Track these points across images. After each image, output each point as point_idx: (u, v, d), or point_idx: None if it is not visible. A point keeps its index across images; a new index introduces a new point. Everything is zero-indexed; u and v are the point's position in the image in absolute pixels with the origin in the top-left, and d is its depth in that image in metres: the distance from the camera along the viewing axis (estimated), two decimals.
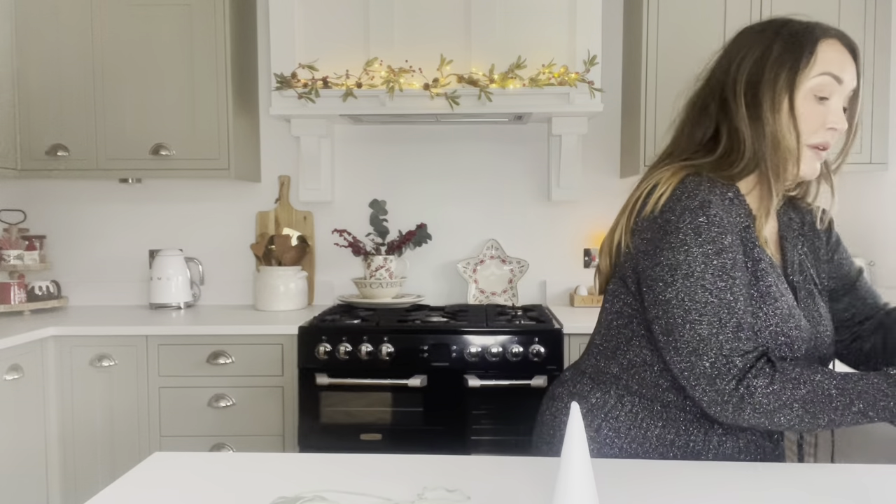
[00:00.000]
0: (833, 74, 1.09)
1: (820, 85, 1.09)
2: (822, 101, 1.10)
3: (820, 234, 1.24)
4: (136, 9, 2.54)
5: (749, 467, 1.03)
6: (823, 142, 1.11)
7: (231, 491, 0.93)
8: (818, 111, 1.09)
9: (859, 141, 2.44)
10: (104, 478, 2.30)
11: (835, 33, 1.14)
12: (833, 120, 1.10)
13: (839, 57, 1.11)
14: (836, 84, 1.09)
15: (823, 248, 1.24)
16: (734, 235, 1.04)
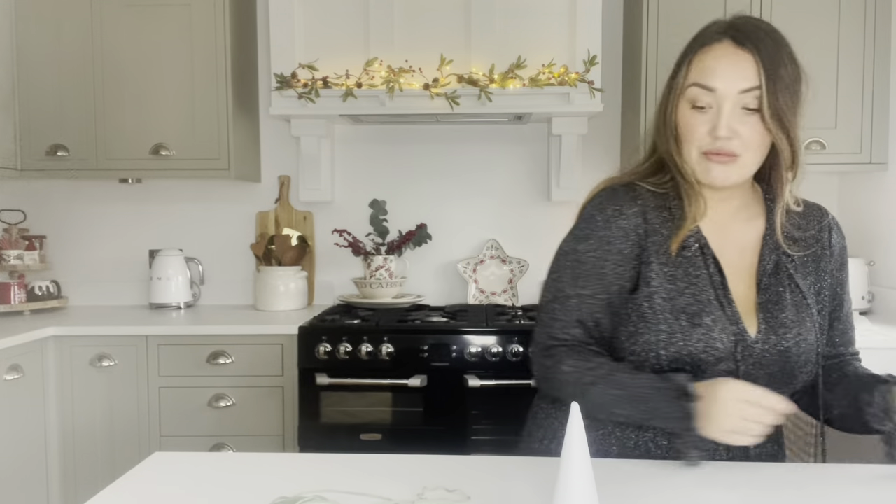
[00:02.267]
0: (701, 84, 1.08)
1: (693, 96, 1.09)
2: (703, 110, 1.08)
3: (830, 250, 1.19)
4: (136, 9, 2.54)
5: (749, 467, 1.03)
6: (712, 149, 1.08)
7: (231, 491, 0.93)
8: (700, 120, 1.08)
9: (859, 141, 2.44)
10: (104, 478, 2.30)
11: (729, 35, 1.09)
12: (714, 127, 1.07)
13: (715, 64, 1.08)
14: (708, 93, 1.07)
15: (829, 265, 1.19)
16: (612, 237, 1.13)
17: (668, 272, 1.11)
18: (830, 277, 1.18)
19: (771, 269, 1.14)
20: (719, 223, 1.16)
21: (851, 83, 2.43)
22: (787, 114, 1.06)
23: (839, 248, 1.20)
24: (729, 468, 1.04)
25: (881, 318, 2.42)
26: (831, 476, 1.04)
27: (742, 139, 1.07)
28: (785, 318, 1.11)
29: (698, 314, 1.08)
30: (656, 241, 1.13)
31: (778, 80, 1.05)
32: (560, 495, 0.78)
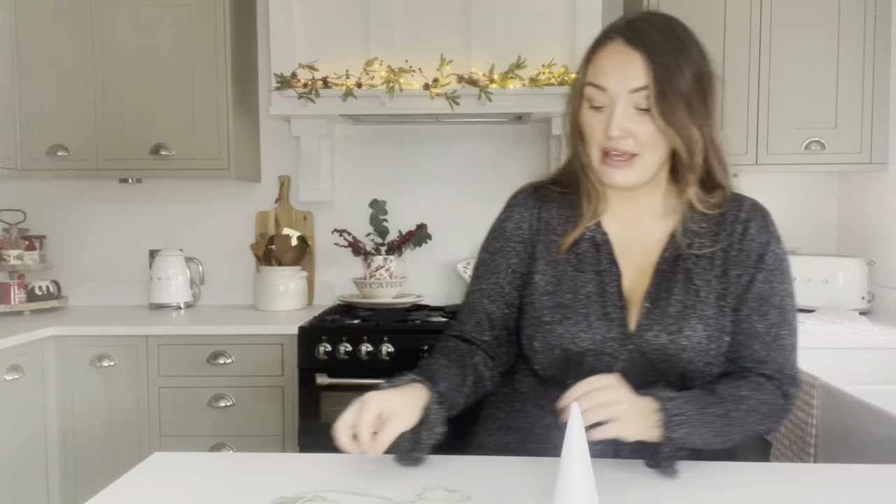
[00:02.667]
0: (593, 84, 1.09)
1: (589, 95, 1.10)
2: (599, 110, 1.09)
3: (741, 244, 1.13)
4: (137, 9, 2.54)
5: (749, 467, 1.03)
6: (607, 148, 1.08)
7: (231, 491, 0.93)
8: (597, 120, 1.09)
9: (859, 141, 2.44)
10: (104, 478, 2.28)
11: (622, 35, 1.08)
12: (607, 127, 1.07)
13: (606, 64, 1.08)
14: (601, 92, 1.07)
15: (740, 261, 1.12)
16: (507, 234, 1.19)
17: (554, 268, 1.15)
18: (739, 274, 1.11)
19: (668, 265, 1.13)
20: (625, 220, 1.17)
21: (851, 83, 2.43)
22: (678, 114, 1.05)
23: (758, 244, 1.13)
24: (729, 468, 1.04)
25: (881, 318, 2.42)
26: (829, 476, 1.04)
27: (637, 138, 1.07)
28: (667, 313, 1.09)
29: (572, 307, 1.11)
30: (549, 239, 1.17)
31: (669, 81, 1.04)
32: (560, 495, 0.78)
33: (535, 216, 1.20)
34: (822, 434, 1.62)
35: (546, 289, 1.14)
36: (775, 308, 1.10)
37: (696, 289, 1.10)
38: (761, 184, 2.81)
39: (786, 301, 1.12)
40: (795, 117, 2.46)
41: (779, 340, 1.10)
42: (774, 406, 1.07)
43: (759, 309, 1.10)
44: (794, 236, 2.84)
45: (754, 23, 2.45)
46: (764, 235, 1.15)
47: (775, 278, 1.12)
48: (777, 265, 1.13)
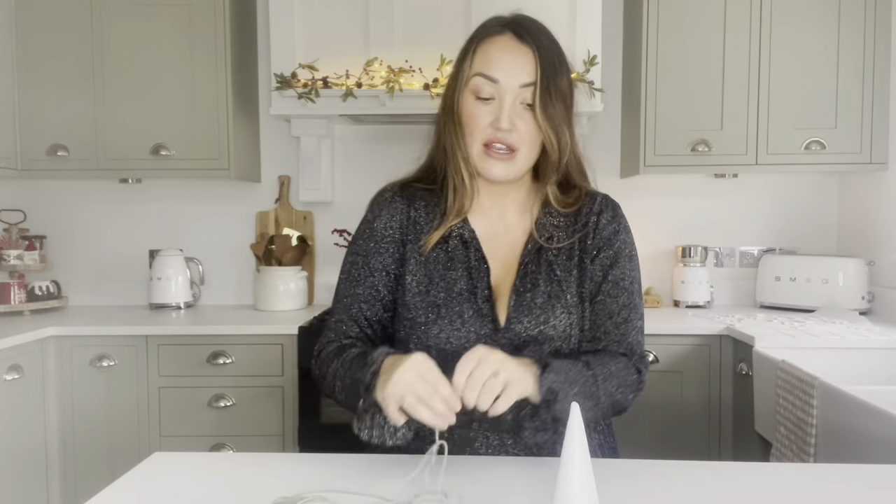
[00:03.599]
0: (484, 75, 1.09)
1: (476, 85, 1.10)
2: (487, 102, 1.10)
3: (594, 233, 1.17)
4: (136, 9, 2.54)
5: (749, 467, 1.03)
6: (493, 138, 1.09)
7: (231, 491, 0.93)
8: (482, 111, 1.10)
9: (859, 141, 2.44)
10: (104, 478, 2.28)
11: (510, 29, 1.11)
12: (497, 119, 1.08)
13: (499, 55, 1.09)
14: (491, 84, 1.09)
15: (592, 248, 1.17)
16: (378, 235, 1.19)
17: (424, 267, 1.15)
18: (592, 260, 1.16)
19: (532, 258, 1.16)
20: (491, 215, 1.19)
21: (851, 83, 2.43)
22: (558, 114, 1.09)
23: (608, 231, 1.17)
24: (729, 468, 1.04)
25: (881, 318, 2.42)
26: (829, 476, 1.04)
27: (520, 133, 1.09)
28: (534, 304, 1.12)
29: (445, 305, 1.12)
30: (419, 238, 1.17)
31: (552, 81, 1.08)
32: (560, 495, 0.78)
33: (405, 215, 1.20)
34: (822, 434, 1.62)
35: (418, 289, 1.14)
36: (625, 291, 1.16)
37: (558, 279, 1.14)
38: (761, 184, 2.83)
39: (634, 285, 1.18)
40: (795, 117, 2.46)
41: (629, 322, 1.16)
42: (629, 378, 1.11)
43: (612, 292, 1.16)
44: (794, 236, 2.84)
45: (754, 23, 2.45)
46: (613, 225, 1.19)
47: (625, 264, 1.17)
48: (626, 252, 1.18)
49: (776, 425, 1.82)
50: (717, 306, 2.75)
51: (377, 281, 1.17)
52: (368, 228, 1.21)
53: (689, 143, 2.49)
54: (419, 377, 0.91)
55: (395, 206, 1.21)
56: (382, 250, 1.18)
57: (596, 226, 1.18)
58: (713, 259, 2.84)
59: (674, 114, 2.49)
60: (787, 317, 2.41)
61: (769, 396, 1.91)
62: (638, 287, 1.19)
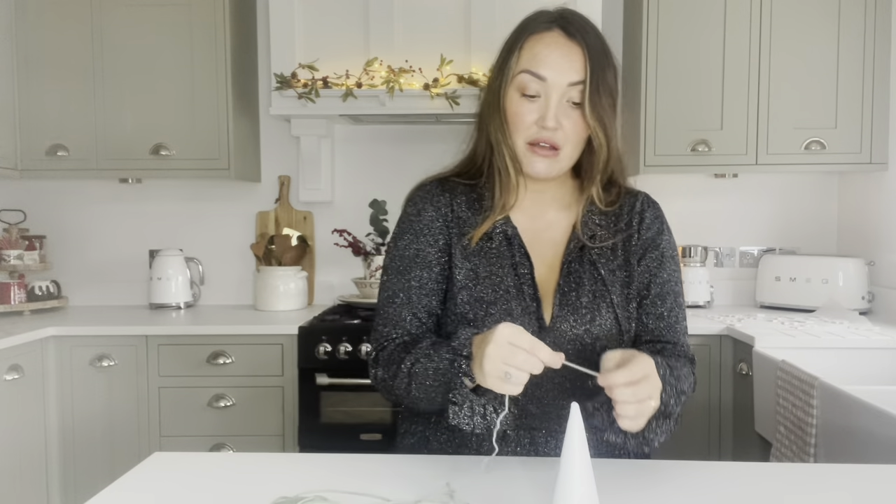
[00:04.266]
0: (531, 72, 1.08)
1: (522, 83, 1.08)
2: (532, 99, 1.08)
3: (638, 234, 1.17)
4: (136, 9, 2.54)
5: (749, 467, 1.03)
6: (538, 137, 1.08)
7: (231, 491, 0.93)
8: (527, 108, 1.08)
9: (859, 141, 2.44)
10: (104, 478, 2.28)
11: (558, 25, 1.08)
12: (542, 117, 1.07)
13: (547, 52, 1.07)
14: (539, 81, 1.07)
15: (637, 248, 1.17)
16: (425, 229, 1.16)
17: (470, 263, 1.14)
18: (639, 261, 1.16)
19: (575, 256, 1.15)
20: (532, 213, 1.18)
21: (851, 83, 2.43)
22: (607, 112, 1.08)
23: (652, 231, 1.18)
24: (729, 468, 1.04)
25: (881, 318, 2.42)
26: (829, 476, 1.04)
27: (565, 132, 1.08)
28: (580, 304, 1.11)
29: (494, 303, 1.10)
30: (462, 232, 1.16)
31: (602, 78, 1.07)
32: (560, 495, 0.78)
33: (448, 209, 1.18)
34: (822, 434, 1.61)
35: (466, 283, 1.12)
36: (671, 293, 1.17)
37: (602, 278, 1.13)
38: (761, 184, 2.82)
39: (678, 287, 1.19)
40: (795, 117, 2.46)
41: (678, 324, 1.17)
42: (690, 378, 1.12)
43: (661, 294, 1.16)
44: (794, 236, 2.84)
45: (754, 23, 2.45)
46: (657, 224, 1.19)
47: (670, 265, 1.18)
48: (669, 253, 1.18)
49: (776, 425, 1.82)
50: (717, 306, 2.75)
51: (430, 274, 1.15)
52: (414, 223, 1.18)
53: (689, 143, 2.49)
54: (513, 347, 0.89)
55: (438, 200, 1.19)
56: (432, 243, 1.16)
57: (640, 225, 1.17)
58: (713, 259, 2.85)
59: (674, 114, 2.49)
60: (787, 317, 2.41)
61: (769, 396, 1.91)
62: (681, 288, 1.20)
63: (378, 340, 1.15)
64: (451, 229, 1.17)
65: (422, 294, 1.14)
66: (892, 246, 2.48)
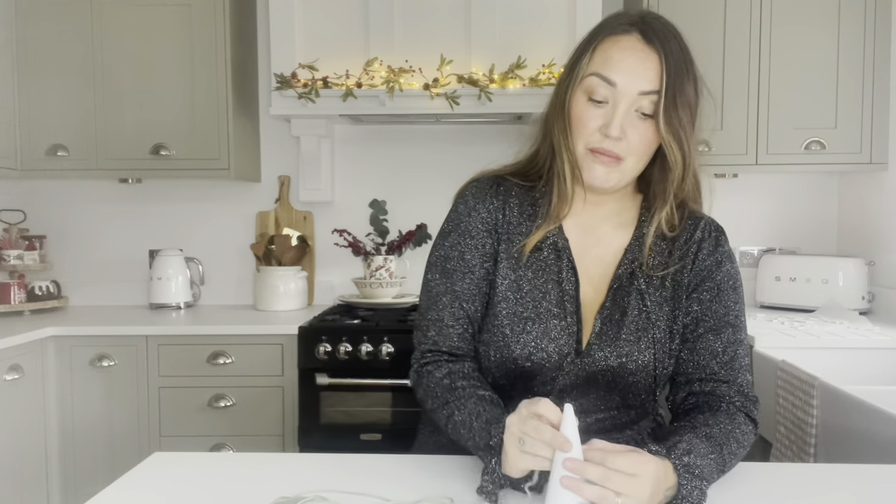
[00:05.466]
0: (601, 76, 1.00)
1: (590, 86, 1.01)
2: (599, 105, 1.01)
3: (692, 266, 1.09)
4: (137, 8, 2.54)
5: (749, 467, 1.03)
6: (599, 147, 1.01)
7: (231, 491, 0.93)
8: (592, 114, 1.01)
9: (859, 141, 2.44)
10: (104, 478, 2.30)
11: (638, 29, 1.00)
12: (607, 125, 0.99)
13: (621, 57, 0.99)
14: (608, 86, 0.99)
15: (689, 282, 1.09)
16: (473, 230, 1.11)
17: (515, 273, 1.08)
18: (690, 294, 1.09)
19: (625, 281, 1.08)
20: (586, 225, 1.12)
21: (851, 83, 2.43)
22: (684, 127, 1.01)
23: (709, 262, 1.09)
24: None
25: (881, 318, 2.42)
26: (829, 476, 1.04)
27: (629, 143, 1.00)
28: (620, 335, 1.05)
29: (533, 320, 1.05)
30: (510, 238, 1.10)
31: (680, 90, 1.00)
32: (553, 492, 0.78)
33: (500, 212, 1.11)
34: (822, 434, 1.61)
35: (507, 295, 1.07)
36: (730, 326, 1.08)
37: (647, 311, 1.06)
38: (761, 184, 2.82)
39: (739, 320, 1.09)
40: (795, 117, 2.46)
41: (736, 360, 1.07)
42: (748, 436, 1.02)
43: (715, 328, 1.07)
44: (794, 236, 2.84)
45: (754, 23, 2.45)
46: (715, 255, 1.10)
47: (728, 297, 1.09)
48: (729, 284, 1.10)
49: (776, 425, 1.82)
50: None
51: (475, 278, 1.10)
52: (462, 222, 1.12)
53: None
54: (529, 416, 0.83)
55: (491, 202, 1.12)
56: (480, 246, 1.10)
57: (695, 257, 1.09)
58: None
59: None
60: (787, 317, 2.41)
61: (769, 396, 1.91)
62: (743, 321, 1.10)
63: (425, 345, 1.12)
64: (499, 234, 1.11)
65: (464, 300, 1.09)
66: (892, 246, 2.48)
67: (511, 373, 1.06)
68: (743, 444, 0.99)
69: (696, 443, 0.91)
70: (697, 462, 0.87)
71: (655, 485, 0.81)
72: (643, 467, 0.81)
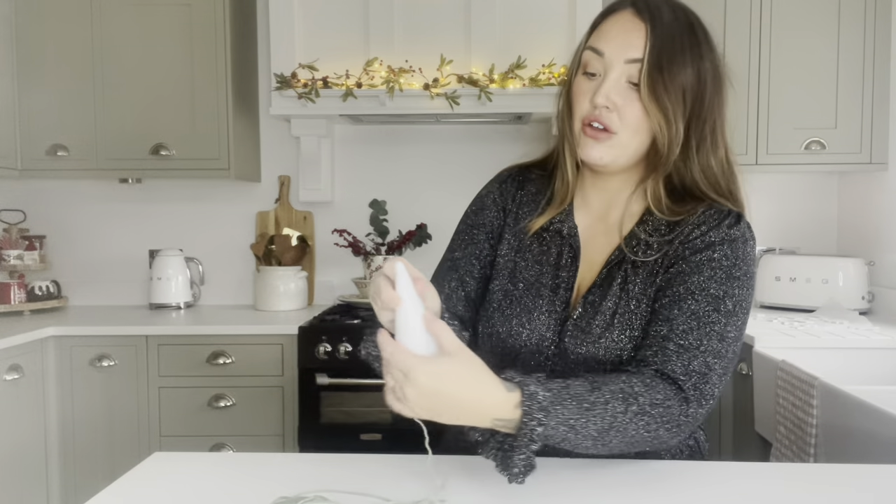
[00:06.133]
0: (591, 48, 1.02)
1: (585, 60, 1.03)
2: (592, 77, 1.02)
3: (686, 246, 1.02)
4: (136, 8, 2.54)
5: (749, 467, 1.03)
6: (587, 116, 1.01)
7: (231, 491, 0.93)
8: (585, 87, 1.02)
9: (859, 141, 2.44)
10: (104, 478, 2.30)
11: (631, 4, 1.01)
12: (595, 94, 0.99)
13: (610, 27, 1.01)
14: (598, 57, 1.00)
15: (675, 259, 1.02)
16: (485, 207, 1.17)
17: (516, 254, 1.12)
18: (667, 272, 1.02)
19: (614, 266, 1.05)
20: (595, 212, 1.12)
21: (851, 83, 2.43)
22: (669, 97, 0.98)
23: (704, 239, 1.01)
24: (729, 468, 1.04)
25: (881, 318, 2.42)
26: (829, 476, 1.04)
27: (621, 114, 0.99)
28: (594, 321, 1.02)
29: (520, 300, 1.07)
30: (519, 218, 1.14)
31: (666, 59, 0.98)
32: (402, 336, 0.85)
33: (510, 196, 1.16)
34: (822, 434, 1.61)
35: (501, 271, 1.11)
36: (707, 304, 0.96)
37: (627, 297, 1.02)
38: (761, 184, 2.83)
39: (725, 303, 0.97)
40: (795, 117, 2.46)
41: (701, 343, 0.94)
42: (670, 410, 0.90)
43: (688, 299, 0.97)
44: (794, 236, 2.84)
45: (754, 23, 2.45)
46: (712, 235, 1.02)
47: (717, 275, 0.98)
48: (724, 264, 0.99)
49: (776, 425, 1.82)
50: None
51: (476, 250, 1.14)
52: (480, 198, 1.20)
53: None
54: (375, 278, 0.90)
55: (507, 185, 1.18)
56: (487, 222, 1.15)
57: (689, 234, 1.02)
58: None
59: None
60: (787, 317, 2.41)
61: (769, 396, 1.91)
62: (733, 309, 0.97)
63: None
64: (507, 213, 1.15)
65: (460, 266, 1.14)
66: (892, 246, 2.48)
67: (497, 351, 1.08)
68: (642, 405, 0.87)
69: (562, 382, 0.87)
70: (547, 396, 0.83)
71: (450, 401, 0.81)
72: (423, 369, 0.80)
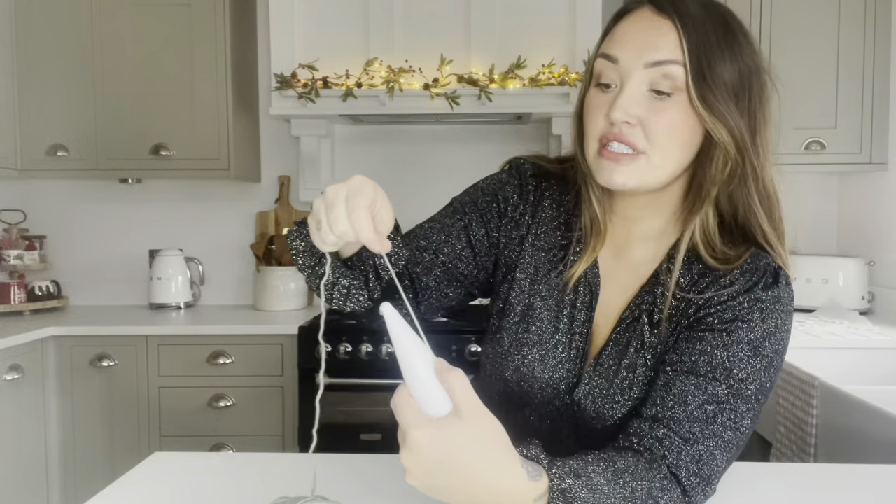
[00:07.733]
0: (604, 54, 0.83)
1: (598, 71, 0.84)
2: (607, 90, 0.83)
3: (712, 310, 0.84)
4: (137, 8, 2.54)
5: (750, 467, 1.03)
6: (603, 134, 0.82)
7: (231, 491, 0.93)
8: (599, 101, 0.83)
9: (859, 141, 2.44)
10: (104, 478, 2.30)
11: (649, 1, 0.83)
12: (611, 107, 0.81)
13: (625, 29, 0.83)
14: (612, 66, 0.82)
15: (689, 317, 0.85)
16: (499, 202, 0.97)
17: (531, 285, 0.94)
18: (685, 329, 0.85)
19: (633, 316, 0.88)
20: (616, 244, 0.93)
21: (851, 83, 2.43)
22: (721, 101, 0.80)
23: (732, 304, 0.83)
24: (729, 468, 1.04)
25: (881, 318, 2.42)
26: (829, 476, 1.04)
27: (647, 130, 0.80)
28: (605, 385, 0.87)
29: (535, 340, 0.91)
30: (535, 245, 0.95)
31: (708, 58, 0.80)
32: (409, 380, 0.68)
33: (532, 207, 0.97)
34: (822, 434, 1.61)
35: (516, 300, 0.94)
36: (727, 388, 0.79)
37: (645, 357, 0.86)
38: None
39: (747, 387, 0.80)
40: (795, 117, 2.46)
41: (713, 435, 0.78)
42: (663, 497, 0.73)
43: (708, 378, 0.80)
44: (795, 236, 2.84)
45: (754, 23, 2.45)
46: (747, 299, 0.83)
47: (742, 352, 0.80)
48: (751, 338, 0.81)
49: (776, 425, 1.82)
50: None
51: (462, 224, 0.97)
52: (488, 184, 0.99)
53: None
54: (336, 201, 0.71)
55: (527, 190, 0.97)
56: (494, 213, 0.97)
57: (718, 297, 0.84)
58: None
59: None
60: None
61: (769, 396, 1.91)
62: (758, 397, 0.81)
63: None
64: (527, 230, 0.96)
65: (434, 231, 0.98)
66: (892, 246, 2.48)
67: (505, 398, 0.95)
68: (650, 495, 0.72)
69: (592, 468, 0.71)
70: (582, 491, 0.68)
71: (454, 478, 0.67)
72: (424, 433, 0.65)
